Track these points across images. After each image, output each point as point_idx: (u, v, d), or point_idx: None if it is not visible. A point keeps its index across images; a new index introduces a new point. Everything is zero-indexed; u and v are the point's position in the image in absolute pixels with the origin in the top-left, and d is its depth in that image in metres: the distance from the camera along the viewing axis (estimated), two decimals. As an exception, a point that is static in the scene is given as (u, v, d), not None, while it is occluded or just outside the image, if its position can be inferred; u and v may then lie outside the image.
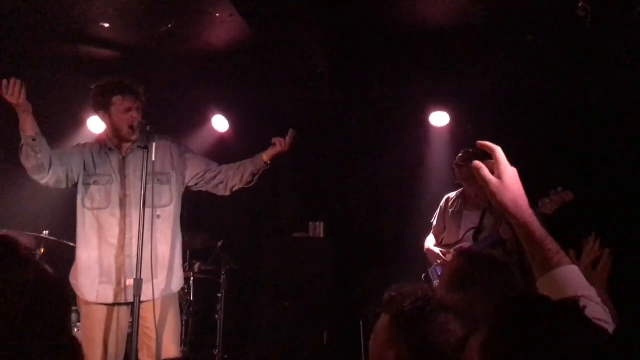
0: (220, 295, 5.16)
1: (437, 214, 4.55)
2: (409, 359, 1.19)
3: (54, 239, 4.36)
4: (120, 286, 3.27)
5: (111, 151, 3.42)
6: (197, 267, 5.15)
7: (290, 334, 5.18)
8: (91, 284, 3.26)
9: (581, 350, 0.77)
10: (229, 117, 5.83)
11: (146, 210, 3.18)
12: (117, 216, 3.32)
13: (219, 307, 5.13)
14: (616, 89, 4.69)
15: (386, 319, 1.26)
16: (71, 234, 3.49)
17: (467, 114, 5.41)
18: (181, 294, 4.94)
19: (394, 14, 4.58)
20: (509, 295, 0.89)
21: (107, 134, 3.47)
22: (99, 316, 3.26)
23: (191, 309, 5.04)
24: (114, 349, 3.28)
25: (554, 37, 4.54)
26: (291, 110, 5.82)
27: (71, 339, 1.21)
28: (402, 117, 5.75)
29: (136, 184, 3.35)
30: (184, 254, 5.10)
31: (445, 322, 1.19)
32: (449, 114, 5.52)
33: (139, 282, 3.10)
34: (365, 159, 5.95)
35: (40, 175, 3.21)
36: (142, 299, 3.15)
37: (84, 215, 3.33)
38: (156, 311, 3.22)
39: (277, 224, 6.00)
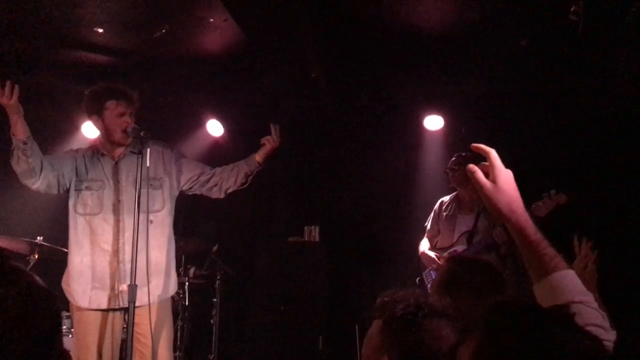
0: (215, 300, 5.15)
1: (431, 218, 4.56)
2: (401, 364, 1.19)
3: (48, 244, 4.34)
4: (113, 292, 3.26)
5: (103, 157, 3.41)
6: (192, 272, 5.13)
7: (285, 338, 5.17)
8: (83, 290, 3.25)
9: (571, 357, 0.77)
10: (223, 122, 5.82)
11: (140, 215, 3.18)
12: (110, 221, 3.31)
13: (214, 312, 5.12)
14: (609, 92, 4.72)
15: (378, 324, 1.26)
16: (65, 240, 3.47)
17: (462, 118, 5.43)
18: (176, 299, 4.94)
19: (388, 19, 4.59)
20: (499, 301, 0.89)
21: (100, 140, 3.47)
22: (92, 321, 3.24)
23: (186, 314, 5.02)
24: (109, 354, 3.27)
25: (547, 41, 4.57)
26: (285, 114, 5.82)
27: (61, 354, 1.19)
28: (397, 121, 5.76)
29: (129, 189, 3.34)
30: (178, 259, 5.09)
31: (437, 328, 1.19)
32: (443, 117, 5.53)
33: (133, 287, 3.08)
34: (359, 163, 5.96)
35: (30, 179, 3.20)
36: (136, 304, 3.14)
37: (76, 220, 3.32)
38: (143, 317, 3.21)
39: (272, 228, 6.00)
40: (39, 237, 4.38)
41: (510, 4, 4.28)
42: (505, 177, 1.34)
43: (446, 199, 4.54)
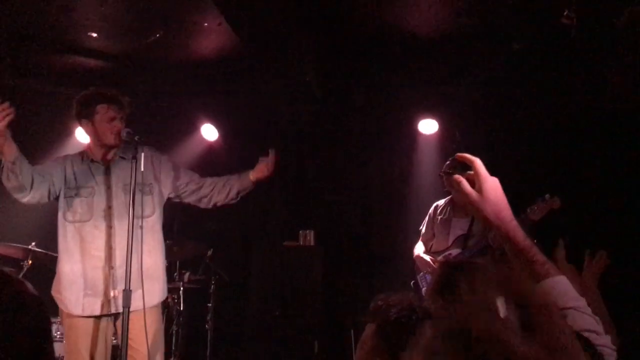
0: (210, 305, 5.14)
1: (426, 222, 4.56)
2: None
3: (41, 250, 4.33)
4: (106, 298, 3.24)
5: (93, 162, 3.39)
6: (186, 276, 5.11)
7: (280, 343, 5.16)
8: (76, 298, 3.22)
9: None
10: (218, 126, 5.82)
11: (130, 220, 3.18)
12: (101, 228, 3.29)
13: (209, 317, 5.11)
14: (602, 97, 4.74)
15: (372, 328, 1.26)
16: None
17: (456, 122, 5.44)
18: (171, 304, 4.93)
19: (382, 23, 4.61)
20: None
21: (90, 145, 3.45)
22: (84, 327, 3.22)
23: (181, 319, 5.00)
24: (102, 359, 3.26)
25: (540, 45, 4.59)
26: (280, 118, 5.83)
27: None
28: (391, 125, 5.77)
29: (119, 194, 3.33)
30: (173, 263, 5.08)
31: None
32: (437, 121, 5.54)
33: (128, 292, 3.06)
34: (354, 167, 5.96)
35: (20, 194, 3.19)
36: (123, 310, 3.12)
37: (65, 228, 3.29)
38: (138, 322, 3.19)
39: (267, 232, 5.99)
40: (32, 243, 4.37)
41: (504, 9, 4.30)
42: (491, 185, 1.33)
43: (441, 202, 4.55)
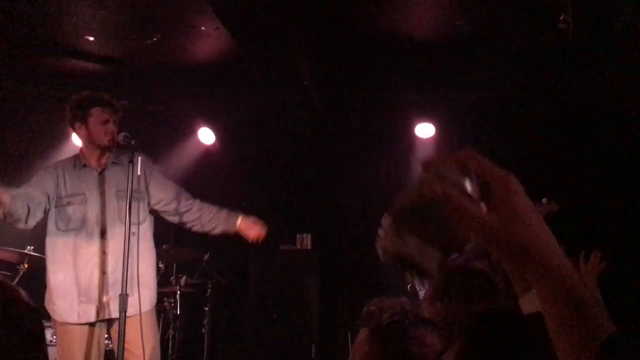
0: (206, 309, 5.13)
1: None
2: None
3: (37, 254, 4.31)
4: (100, 303, 3.22)
5: (86, 167, 3.37)
6: (183, 280, 5.10)
7: (278, 347, 5.15)
8: (70, 306, 3.20)
9: None
10: (215, 130, 5.82)
11: (121, 227, 3.17)
12: (94, 234, 3.27)
13: (205, 321, 5.10)
14: (598, 99, 4.75)
15: (365, 332, 1.26)
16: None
17: (453, 126, 5.44)
18: (167, 308, 4.92)
19: (379, 26, 4.62)
20: (480, 310, 0.89)
21: (83, 149, 3.43)
22: (78, 333, 3.20)
23: (177, 323, 4.99)
24: None
25: (536, 48, 4.60)
26: (277, 122, 5.83)
27: None
28: (388, 129, 5.77)
29: (112, 201, 3.32)
30: (170, 267, 5.07)
31: (423, 335, 1.19)
32: (434, 125, 5.54)
33: (124, 297, 3.05)
34: (351, 171, 5.96)
35: (20, 224, 3.17)
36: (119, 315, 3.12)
37: (57, 237, 3.27)
38: (134, 327, 3.18)
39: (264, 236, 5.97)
40: (28, 247, 4.35)
41: (501, 12, 4.31)
42: None
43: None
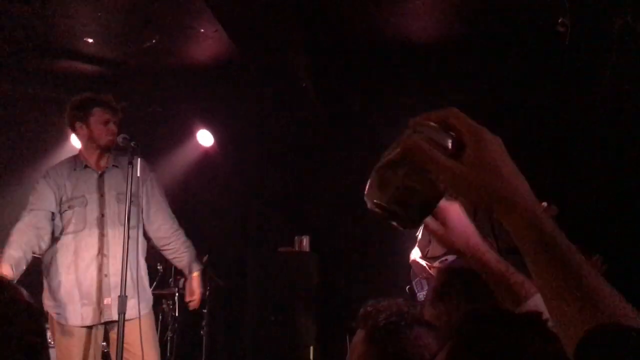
0: (205, 311, 5.13)
1: (422, 228, 4.54)
2: (384, 373, 1.19)
3: (36, 255, 4.31)
4: (100, 306, 3.23)
5: (86, 169, 3.38)
6: (181, 282, 5.10)
7: (276, 349, 5.15)
8: (73, 309, 3.21)
9: None
10: (213, 132, 5.83)
11: (120, 229, 3.19)
12: (94, 236, 3.28)
13: (204, 323, 5.10)
14: (596, 104, 4.76)
15: (362, 334, 1.26)
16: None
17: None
18: (166, 310, 4.92)
19: (377, 30, 4.63)
20: (471, 309, 0.89)
21: (83, 150, 3.44)
22: (77, 335, 3.22)
23: (176, 325, 4.99)
24: None
25: (534, 52, 4.61)
26: (275, 124, 5.84)
27: None
28: (386, 131, 5.77)
29: (112, 203, 3.33)
30: (168, 269, 5.07)
31: (419, 336, 1.20)
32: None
33: (124, 298, 3.06)
34: (350, 173, 5.96)
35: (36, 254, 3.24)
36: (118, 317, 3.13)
37: (58, 240, 3.28)
38: (133, 331, 3.19)
39: (262, 238, 5.99)
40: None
41: (497, 17, 4.32)
42: (452, 215, 1.27)
43: (436, 208, 4.55)
